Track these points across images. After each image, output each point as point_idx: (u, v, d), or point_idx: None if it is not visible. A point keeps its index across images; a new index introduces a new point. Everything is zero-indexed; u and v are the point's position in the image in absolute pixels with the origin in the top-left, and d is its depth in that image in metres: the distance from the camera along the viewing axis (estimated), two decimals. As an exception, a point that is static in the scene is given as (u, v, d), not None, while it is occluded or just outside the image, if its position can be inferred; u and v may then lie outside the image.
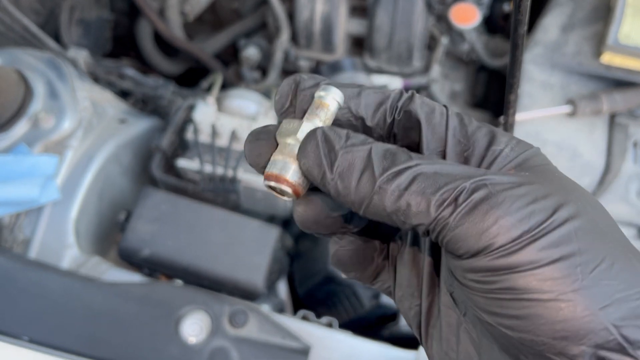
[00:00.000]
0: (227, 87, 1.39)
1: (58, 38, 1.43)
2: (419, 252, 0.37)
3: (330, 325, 0.95)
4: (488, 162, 0.31)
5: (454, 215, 0.28)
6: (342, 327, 0.96)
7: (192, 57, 1.51)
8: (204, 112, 1.14)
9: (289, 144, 0.32)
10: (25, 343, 0.80)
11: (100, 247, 1.11)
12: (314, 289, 1.14)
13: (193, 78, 1.56)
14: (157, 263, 1.00)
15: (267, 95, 1.26)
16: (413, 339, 0.94)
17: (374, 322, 1.11)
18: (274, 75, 1.39)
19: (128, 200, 1.18)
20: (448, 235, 0.28)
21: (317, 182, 0.31)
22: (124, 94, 1.28)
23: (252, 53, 1.46)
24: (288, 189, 0.32)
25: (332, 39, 1.38)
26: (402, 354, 0.88)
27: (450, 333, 0.34)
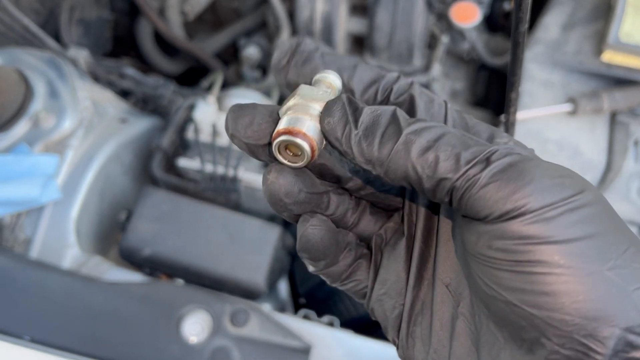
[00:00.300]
0: (227, 86, 1.39)
1: (58, 38, 1.43)
2: (411, 241, 0.35)
3: (332, 325, 0.95)
4: None
5: (487, 172, 0.26)
6: (343, 326, 0.96)
7: (192, 56, 1.51)
8: (205, 111, 1.14)
9: (309, 105, 0.30)
10: (27, 342, 0.80)
11: (101, 246, 1.11)
12: (315, 288, 1.14)
13: (193, 77, 1.56)
14: (158, 262, 1.00)
15: (267, 95, 1.26)
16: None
17: (375, 321, 1.11)
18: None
19: (129, 200, 1.18)
20: (476, 194, 0.27)
21: (338, 141, 0.30)
22: (125, 94, 1.27)
23: (252, 52, 1.46)
24: (304, 144, 0.29)
25: (332, 38, 1.38)
26: (403, 353, 0.88)
27: (442, 329, 0.32)
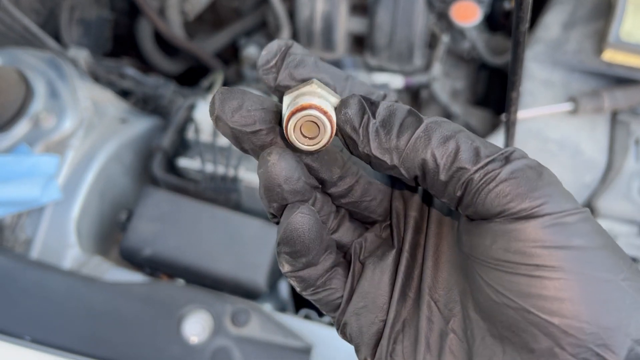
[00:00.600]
0: (227, 86, 1.39)
1: (58, 38, 1.43)
2: (398, 253, 0.34)
3: (333, 324, 0.95)
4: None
5: (507, 168, 0.26)
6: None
7: (192, 56, 1.51)
8: (205, 111, 1.14)
9: (325, 95, 0.31)
10: (28, 343, 0.80)
11: (102, 246, 1.11)
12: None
13: (193, 77, 1.55)
14: (158, 262, 1.00)
15: (268, 95, 1.26)
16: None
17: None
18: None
19: (129, 200, 1.18)
20: (494, 189, 0.26)
21: (355, 131, 0.29)
22: (125, 94, 1.27)
23: (252, 52, 1.46)
24: (328, 125, 0.29)
25: (332, 38, 1.38)
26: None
27: (429, 348, 0.31)
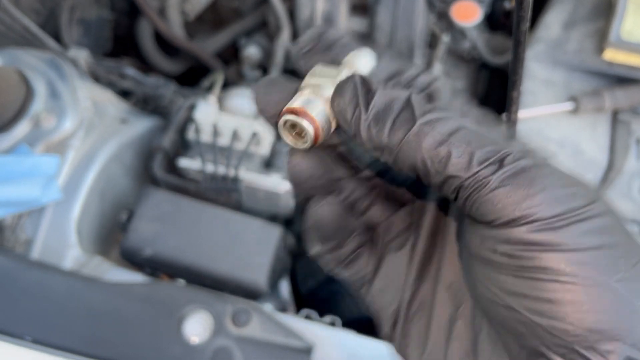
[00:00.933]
0: (228, 86, 1.38)
1: (58, 38, 1.42)
2: (418, 235, 0.34)
3: (333, 324, 0.95)
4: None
5: (498, 175, 0.26)
6: (345, 326, 0.95)
7: (192, 56, 1.51)
8: (205, 111, 1.14)
9: (322, 85, 0.30)
10: (28, 343, 0.80)
11: (102, 247, 1.11)
12: (317, 288, 1.14)
13: (194, 77, 1.55)
14: (159, 263, 1.00)
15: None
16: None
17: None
18: (275, 74, 1.39)
19: (130, 200, 1.18)
20: (485, 197, 0.26)
21: (347, 124, 0.29)
22: (125, 94, 1.27)
23: (252, 52, 1.46)
24: (309, 127, 0.29)
25: (333, 38, 1.38)
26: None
27: (439, 331, 0.31)
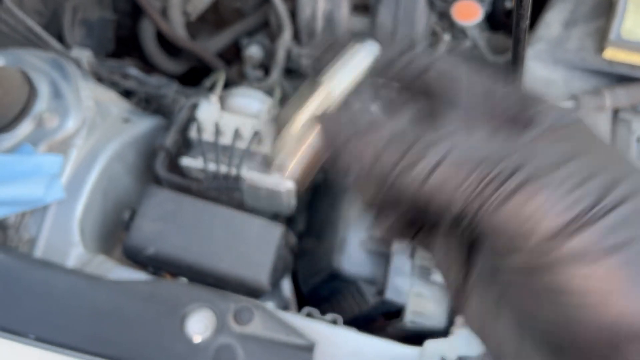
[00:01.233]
0: (230, 85, 1.39)
1: (61, 38, 1.43)
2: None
3: (335, 322, 0.95)
4: (523, 124, 0.28)
5: (494, 198, 0.24)
6: (346, 324, 0.96)
7: (194, 56, 1.51)
8: (208, 110, 1.14)
9: (288, 136, 0.31)
10: (32, 341, 0.81)
11: (105, 245, 1.12)
12: (318, 286, 1.14)
13: (196, 77, 1.56)
14: (161, 261, 1.00)
15: (270, 94, 1.26)
16: (417, 336, 0.94)
17: (378, 318, 1.11)
18: (277, 74, 1.39)
19: (132, 199, 1.18)
20: (482, 223, 0.25)
21: (328, 167, 0.29)
22: (128, 94, 1.28)
23: (254, 52, 1.47)
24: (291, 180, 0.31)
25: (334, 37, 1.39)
26: (406, 351, 0.88)
27: (486, 309, 0.29)
